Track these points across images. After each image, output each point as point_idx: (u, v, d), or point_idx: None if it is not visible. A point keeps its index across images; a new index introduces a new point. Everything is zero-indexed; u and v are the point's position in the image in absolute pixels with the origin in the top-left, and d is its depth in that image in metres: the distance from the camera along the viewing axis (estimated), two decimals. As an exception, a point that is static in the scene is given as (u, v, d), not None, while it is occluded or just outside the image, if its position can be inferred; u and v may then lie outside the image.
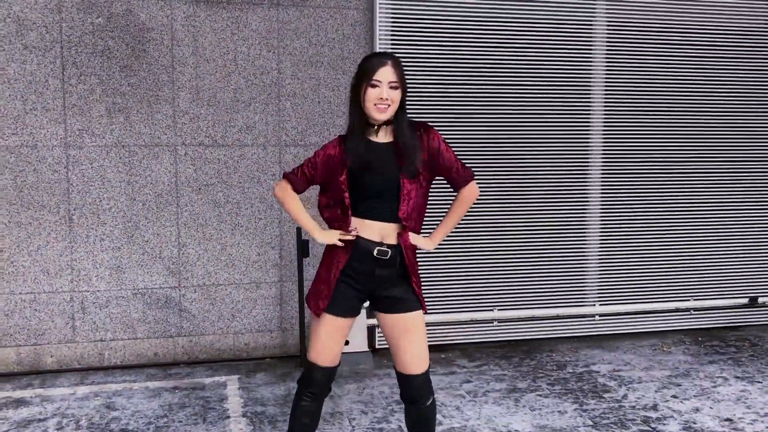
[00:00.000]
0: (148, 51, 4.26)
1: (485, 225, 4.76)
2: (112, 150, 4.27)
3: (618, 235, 4.99)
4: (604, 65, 4.84)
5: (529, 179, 4.80)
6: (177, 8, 4.27)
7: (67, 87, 4.18)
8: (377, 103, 2.56)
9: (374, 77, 2.55)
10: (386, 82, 2.55)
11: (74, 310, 4.31)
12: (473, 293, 4.79)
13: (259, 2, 4.37)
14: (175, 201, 4.37)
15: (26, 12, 4.09)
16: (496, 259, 4.80)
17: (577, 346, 4.81)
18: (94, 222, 4.28)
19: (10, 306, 4.22)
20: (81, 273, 4.29)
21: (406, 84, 2.63)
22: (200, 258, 4.44)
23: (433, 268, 4.71)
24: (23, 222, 4.19)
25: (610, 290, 5.02)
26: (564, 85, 4.78)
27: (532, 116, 4.76)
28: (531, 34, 4.69)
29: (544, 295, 4.91)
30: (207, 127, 4.38)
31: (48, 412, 3.66)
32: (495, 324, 4.84)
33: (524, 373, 4.28)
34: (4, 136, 4.13)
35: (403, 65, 2.64)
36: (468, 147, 4.68)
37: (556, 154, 4.82)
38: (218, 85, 4.37)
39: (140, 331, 4.40)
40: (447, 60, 4.60)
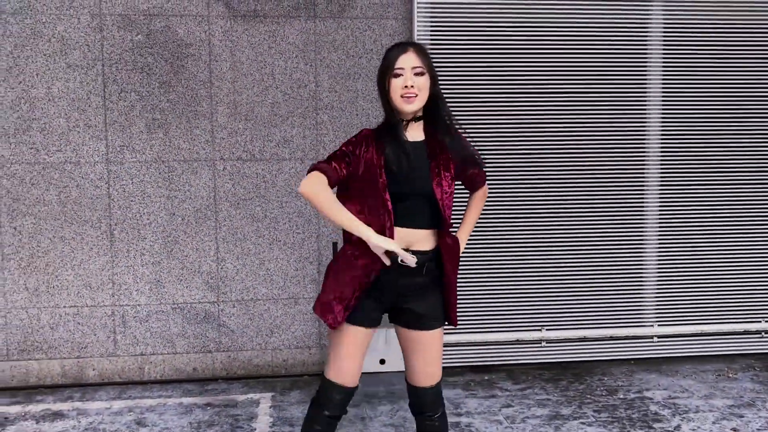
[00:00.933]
0: (186, 67, 4.28)
1: (533, 239, 4.54)
2: (152, 165, 4.31)
3: (678, 248, 4.67)
4: (661, 70, 4.55)
5: (581, 190, 4.55)
6: (215, 23, 4.28)
7: (108, 104, 4.25)
8: (404, 93, 2.40)
9: (396, 66, 2.41)
10: (409, 68, 2.41)
11: (115, 324, 4.36)
12: (520, 312, 4.58)
13: (296, 15, 4.32)
14: (213, 216, 4.37)
15: (69, 31, 4.19)
16: (544, 276, 4.57)
17: (633, 370, 4.51)
18: (134, 236, 4.33)
19: (54, 319, 4.31)
20: (122, 287, 4.34)
21: (435, 73, 2.47)
22: (239, 273, 4.41)
23: (477, 285, 4.52)
24: (67, 237, 4.27)
25: (670, 309, 4.70)
26: (617, 90, 4.52)
27: (583, 124, 4.52)
28: (580, 39, 4.46)
29: (597, 314, 4.64)
30: (245, 142, 4.36)
31: (81, 426, 3.69)
32: (543, 345, 4.61)
33: (570, 398, 4.04)
34: (49, 152, 4.23)
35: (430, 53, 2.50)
36: (514, 158, 4.48)
37: (609, 163, 4.56)
38: (256, 100, 4.34)
39: (179, 346, 4.41)
40: (489, 69, 4.42)
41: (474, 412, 3.82)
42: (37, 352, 4.30)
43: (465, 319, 4.53)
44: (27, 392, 4.21)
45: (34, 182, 4.23)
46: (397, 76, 2.41)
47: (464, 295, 4.51)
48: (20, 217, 4.23)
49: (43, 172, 4.23)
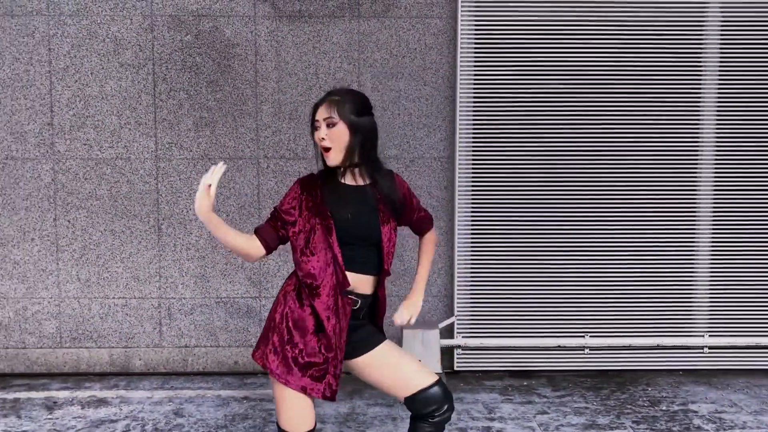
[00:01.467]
0: (233, 66, 4.37)
1: (579, 242, 4.43)
2: (198, 162, 4.41)
3: (733, 255, 4.47)
4: (717, 71, 4.36)
5: (631, 193, 4.42)
6: (261, 24, 4.35)
7: (157, 102, 4.38)
8: (322, 147, 2.30)
9: (315, 118, 2.32)
10: (322, 120, 2.29)
11: (161, 316, 4.49)
12: (562, 317, 4.48)
13: (341, 15, 4.35)
14: (257, 212, 4.44)
15: (122, 32, 4.33)
16: (589, 281, 4.45)
17: (680, 381, 4.35)
18: (181, 231, 4.44)
19: (104, 310, 4.47)
20: (168, 280, 4.47)
21: (358, 123, 2.28)
22: (280, 269, 4.47)
23: (519, 289, 4.45)
24: (117, 230, 4.43)
25: (723, 319, 4.50)
26: (670, 91, 4.37)
27: (633, 126, 4.39)
28: (630, 36, 4.33)
29: (644, 322, 4.49)
30: (288, 141, 4.41)
31: (122, 414, 3.82)
32: (586, 352, 4.49)
33: (610, 407, 3.93)
34: (101, 149, 4.39)
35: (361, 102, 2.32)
36: (560, 160, 4.38)
37: (660, 167, 4.41)
38: (299, 99, 4.39)
39: (222, 339, 4.50)
40: (535, 68, 4.34)
41: (507, 418, 3.76)
42: (88, 341, 4.48)
43: (506, 323, 4.46)
44: (77, 378, 4.38)
45: (87, 177, 4.39)
46: (316, 129, 2.31)
47: (506, 299, 4.45)
48: (74, 211, 4.41)
49: (95, 168, 4.39)
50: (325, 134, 2.28)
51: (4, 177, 4.37)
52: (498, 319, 4.46)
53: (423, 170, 4.41)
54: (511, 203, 4.40)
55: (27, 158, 4.37)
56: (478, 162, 4.39)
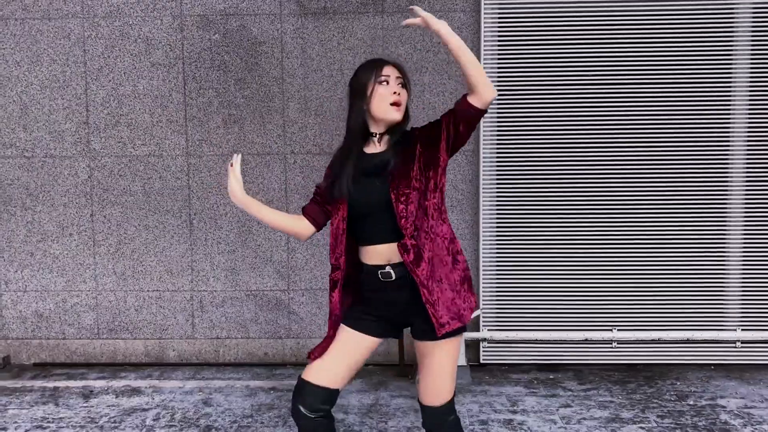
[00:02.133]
0: (260, 64, 4.45)
1: (606, 233, 4.40)
2: (228, 159, 4.51)
3: (765, 246, 4.37)
4: (749, 61, 4.27)
5: (661, 184, 4.36)
6: (287, 21, 4.42)
7: (188, 100, 4.49)
8: (393, 101, 2.32)
9: (382, 73, 2.35)
10: (394, 77, 2.36)
11: (194, 308, 4.61)
12: (590, 311, 4.45)
13: (365, 11, 4.39)
14: (284, 207, 4.53)
15: (153, 32, 4.45)
16: (617, 273, 4.41)
17: (711, 376, 4.28)
18: (211, 226, 4.56)
19: (139, 302, 4.62)
20: (200, 273, 4.59)
21: (410, 88, 2.43)
22: (308, 263, 4.55)
23: (546, 282, 4.44)
24: (150, 225, 4.56)
25: (756, 313, 4.41)
26: (702, 83, 4.29)
27: (665, 121, 4.32)
28: (658, 28, 4.26)
29: (674, 315, 4.43)
30: (314, 136, 4.48)
31: (154, 403, 3.95)
32: (614, 345, 4.45)
33: (635, 401, 3.89)
34: (135, 146, 4.52)
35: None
36: (587, 152, 4.35)
37: (691, 157, 4.33)
38: (325, 95, 4.45)
39: (252, 331, 4.61)
40: (559, 61, 4.31)
41: (530, 411, 3.77)
42: (124, 332, 4.63)
43: (532, 316, 4.46)
44: (114, 368, 4.54)
45: (121, 174, 4.54)
46: (382, 83, 2.34)
47: (532, 292, 4.44)
48: (109, 207, 4.56)
49: (129, 165, 4.53)
50: (399, 89, 2.35)
51: (43, 175, 4.54)
52: (524, 312, 4.46)
53: (448, 164, 4.42)
54: (537, 196, 4.39)
55: (64, 156, 4.53)
56: (503, 155, 4.38)
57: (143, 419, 3.71)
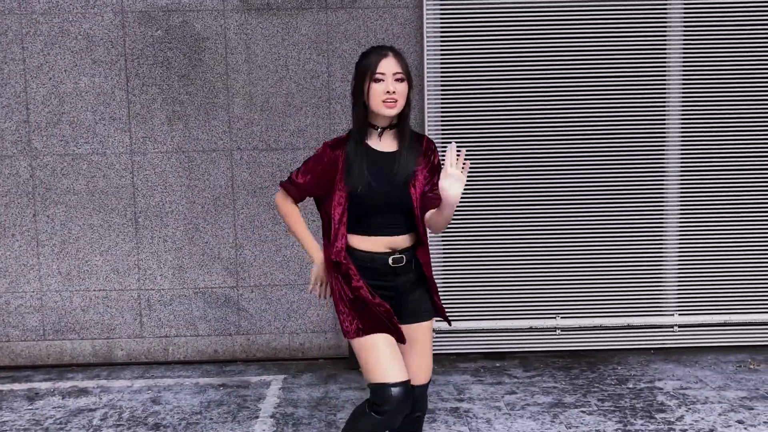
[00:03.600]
0: (204, 60, 4.44)
1: (549, 224, 4.51)
2: (172, 156, 4.49)
3: (701, 234, 4.55)
4: (681, 54, 4.42)
5: (598, 173, 4.49)
6: (230, 17, 4.41)
7: (131, 97, 4.45)
8: (386, 99, 2.40)
9: (377, 71, 2.41)
10: (390, 74, 2.41)
11: (141, 307, 4.58)
12: (534, 299, 4.56)
13: (308, 6, 4.41)
14: (231, 204, 4.53)
15: (95, 29, 4.40)
16: (559, 262, 4.54)
17: (651, 360, 4.44)
18: (157, 224, 4.53)
19: (86, 302, 4.57)
20: (147, 272, 4.56)
21: (411, 77, 2.48)
22: (256, 259, 4.56)
23: (491, 271, 4.53)
24: (95, 224, 4.52)
25: (693, 298, 4.59)
26: (638, 75, 4.43)
27: (600, 109, 4.45)
28: (597, 28, 4.38)
29: (615, 302, 4.57)
30: (260, 132, 4.49)
31: (101, 403, 3.92)
32: (558, 333, 4.58)
33: (578, 386, 4.02)
34: (77, 144, 4.47)
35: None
36: (527, 147, 4.45)
37: (629, 146, 4.47)
38: (270, 91, 4.46)
39: (201, 329, 4.60)
40: (501, 57, 4.40)
41: (476, 398, 3.86)
42: (71, 333, 4.58)
43: (480, 306, 4.55)
44: (60, 370, 4.49)
45: (64, 173, 4.48)
46: (378, 81, 2.41)
47: (478, 282, 4.53)
48: (53, 206, 4.49)
49: (72, 163, 4.48)
50: (393, 88, 2.40)
51: (-18, 174, 4.46)
52: (471, 303, 4.55)
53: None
54: (482, 189, 4.48)
55: (4, 155, 4.45)
56: (448, 149, 4.45)
57: (90, 419, 3.69)
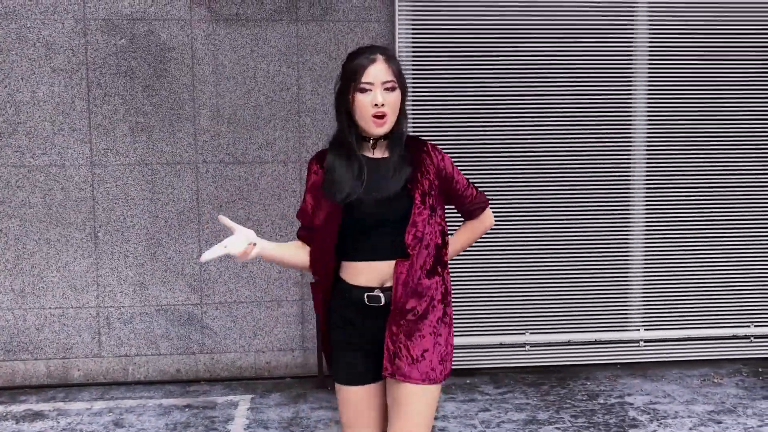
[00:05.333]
0: (169, 70, 4.32)
1: (517, 241, 4.52)
2: (135, 168, 4.34)
3: (665, 252, 4.62)
4: (647, 72, 4.51)
5: (565, 192, 4.52)
6: (197, 27, 4.30)
7: (92, 107, 4.29)
8: (374, 114, 2.04)
9: (363, 80, 2.04)
10: (379, 84, 2.04)
11: (100, 326, 4.40)
12: (503, 315, 4.56)
13: (278, 18, 4.34)
14: (196, 218, 4.40)
15: (54, 36, 4.23)
16: (528, 279, 4.55)
17: (618, 374, 4.47)
18: (118, 239, 4.37)
19: (40, 320, 4.36)
20: (106, 289, 4.39)
21: (405, 82, 2.11)
22: (222, 275, 4.44)
23: (460, 287, 4.51)
24: (52, 239, 4.32)
25: (657, 314, 4.65)
26: (602, 93, 4.49)
27: (567, 127, 4.50)
28: (564, 40, 4.43)
29: (582, 318, 4.60)
30: (227, 145, 4.38)
31: (59, 427, 3.73)
32: (527, 348, 4.58)
33: (549, 402, 4.01)
34: (34, 156, 4.28)
35: (399, 59, 2.14)
36: (496, 161, 4.46)
37: (595, 166, 4.53)
38: (238, 103, 4.37)
39: (163, 348, 4.44)
40: (472, 71, 4.41)
41: (450, 416, 3.81)
42: (23, 353, 4.36)
43: (448, 322, 4.51)
44: (12, 392, 4.26)
45: (19, 185, 4.28)
46: (364, 92, 2.05)
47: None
48: (6, 220, 4.29)
49: (28, 175, 4.28)
50: (383, 99, 2.04)
51: (-70, 186, 4.23)
52: (440, 319, 4.50)
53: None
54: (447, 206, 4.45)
55: (-45, 166, 4.24)
56: (418, 164, 4.42)
57: (49, 445, 3.51)
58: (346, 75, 2.09)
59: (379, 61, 2.07)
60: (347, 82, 2.08)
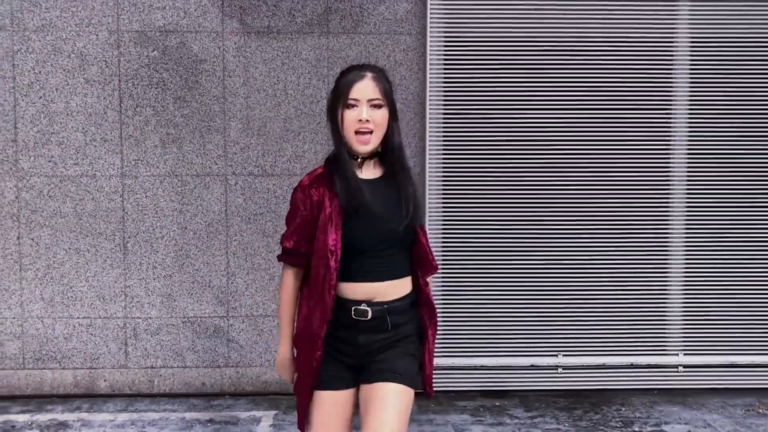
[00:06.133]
0: (200, 82, 4.32)
1: (551, 260, 4.38)
2: (165, 179, 4.34)
3: (707, 272, 4.43)
4: (688, 86, 4.35)
5: (603, 209, 4.38)
6: (229, 40, 4.30)
7: (124, 119, 4.31)
8: (358, 129, 2.11)
9: (350, 96, 2.12)
10: (365, 100, 2.12)
11: (127, 336, 4.39)
12: (535, 335, 4.41)
13: (309, 31, 4.31)
14: (224, 230, 4.37)
15: (88, 47, 4.27)
16: (562, 299, 4.40)
17: (655, 401, 4.29)
18: (147, 250, 4.36)
19: (69, 330, 4.37)
20: (134, 300, 4.38)
21: (394, 102, 2.17)
22: (248, 288, 4.40)
23: (491, 306, 4.38)
24: (81, 249, 4.34)
25: (698, 338, 4.45)
26: (641, 108, 4.35)
27: (603, 142, 4.36)
28: (601, 50, 4.30)
29: (618, 341, 4.43)
30: (257, 157, 4.35)
31: (81, 438, 3.72)
32: (559, 371, 4.42)
33: (582, 429, 3.85)
34: (66, 166, 4.31)
35: (389, 79, 2.18)
36: (529, 176, 4.34)
37: (633, 183, 4.37)
38: (268, 115, 4.34)
39: (189, 360, 4.41)
40: (506, 83, 4.31)
41: (476, 440, 3.69)
42: (52, 362, 4.37)
43: (479, 342, 4.40)
44: (39, 401, 4.28)
45: (51, 195, 4.32)
46: (351, 108, 2.12)
47: (478, 319, 4.39)
48: (38, 229, 4.32)
49: (60, 185, 4.32)
50: (368, 115, 2.11)
51: (-34, 194, 4.29)
52: (470, 339, 4.39)
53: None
54: (483, 221, 4.35)
55: (-10, 175, 4.29)
56: (449, 180, 4.34)
57: (69, 456, 3.49)
58: (335, 91, 2.18)
59: (368, 78, 2.14)
60: (336, 99, 2.16)
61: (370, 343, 2.18)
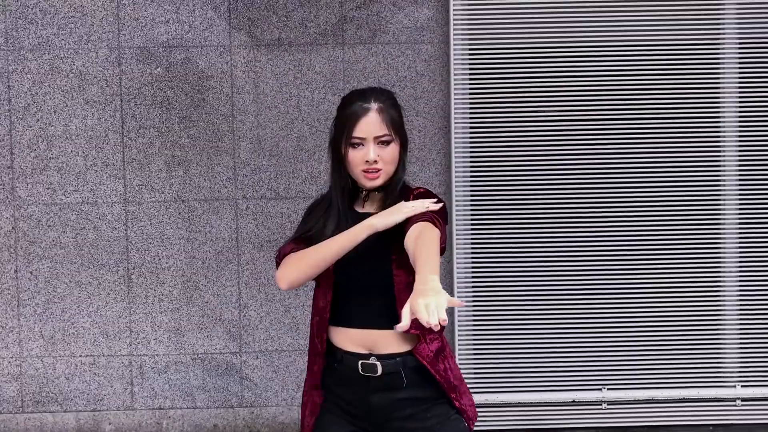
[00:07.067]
0: (207, 100, 4.04)
1: (591, 284, 4.04)
2: (171, 205, 4.06)
3: (762, 296, 4.06)
4: (737, 82, 4.01)
5: (649, 231, 4.03)
6: (237, 54, 4.03)
7: (126, 141, 4.04)
8: (365, 169, 1.94)
9: (354, 135, 1.92)
10: (371, 138, 1.92)
11: (133, 375, 4.09)
12: (577, 368, 4.06)
13: (323, 42, 4.02)
14: (236, 259, 4.07)
15: (88, 66, 4.02)
16: (606, 327, 4.05)
17: (711, 438, 3.90)
18: (152, 282, 4.07)
19: (71, 369, 4.08)
20: (140, 336, 4.08)
21: (405, 132, 1.99)
22: (262, 321, 4.09)
23: (529, 338, 4.04)
24: (83, 281, 4.06)
25: (757, 367, 4.08)
26: (687, 114, 4.02)
27: (645, 157, 4.03)
28: (641, 57, 3.99)
29: (667, 372, 4.06)
30: (269, 179, 4.06)
31: (81, 491, 3.39)
32: (604, 406, 4.06)
33: (633, 473, 3.47)
34: (66, 193, 4.05)
35: (399, 104, 1.99)
36: (567, 191, 4.01)
37: (682, 196, 4.04)
38: (280, 134, 4.05)
39: (200, 400, 4.10)
40: (534, 92, 4.01)
41: (517, 489, 3.32)
42: (53, 404, 4.08)
43: (514, 376, 4.06)
44: (39, 447, 3.97)
45: (50, 224, 4.05)
46: (356, 147, 1.93)
47: (513, 351, 4.05)
48: (36, 261, 4.05)
49: (59, 214, 4.05)
50: (375, 155, 1.91)
51: (-40, 226, 4.03)
52: (505, 373, 4.06)
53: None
54: (515, 245, 4.02)
55: (-15, 205, 4.03)
56: (476, 198, 4.03)
57: None
58: (338, 125, 1.99)
59: (373, 111, 1.94)
60: (339, 134, 1.97)
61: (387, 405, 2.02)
